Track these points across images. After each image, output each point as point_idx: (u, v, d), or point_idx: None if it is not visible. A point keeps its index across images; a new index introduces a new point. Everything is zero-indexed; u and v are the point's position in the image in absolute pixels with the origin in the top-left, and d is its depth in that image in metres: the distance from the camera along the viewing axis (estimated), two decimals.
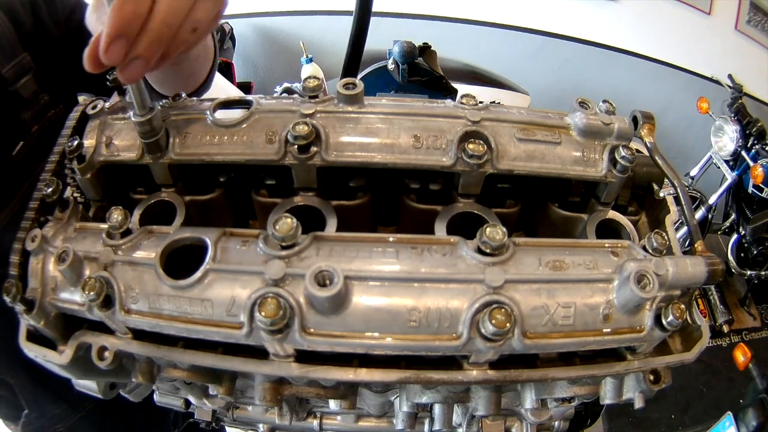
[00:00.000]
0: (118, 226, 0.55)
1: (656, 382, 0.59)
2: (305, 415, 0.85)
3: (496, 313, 0.47)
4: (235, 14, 3.91)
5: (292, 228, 0.50)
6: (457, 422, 0.76)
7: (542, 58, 4.36)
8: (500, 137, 0.58)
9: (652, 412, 3.38)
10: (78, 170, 0.61)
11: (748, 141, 3.65)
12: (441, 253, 0.52)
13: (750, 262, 3.69)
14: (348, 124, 0.58)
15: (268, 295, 0.47)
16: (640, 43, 4.39)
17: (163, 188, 0.64)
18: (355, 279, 0.49)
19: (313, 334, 0.48)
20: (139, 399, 0.73)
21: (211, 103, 0.62)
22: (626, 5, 4.39)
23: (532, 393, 0.66)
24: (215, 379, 0.65)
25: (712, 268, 0.53)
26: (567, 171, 0.59)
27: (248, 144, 0.58)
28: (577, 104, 0.61)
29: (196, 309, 0.50)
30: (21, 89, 0.91)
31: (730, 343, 3.79)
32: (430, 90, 2.99)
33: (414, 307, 0.48)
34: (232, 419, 0.88)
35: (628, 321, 0.52)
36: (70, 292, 0.55)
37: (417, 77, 3.01)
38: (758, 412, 2.35)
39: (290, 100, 0.62)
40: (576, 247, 0.55)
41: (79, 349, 0.57)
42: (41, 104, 0.94)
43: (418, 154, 0.57)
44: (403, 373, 0.52)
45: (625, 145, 0.60)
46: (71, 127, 0.63)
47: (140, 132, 0.58)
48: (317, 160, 0.57)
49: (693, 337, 0.59)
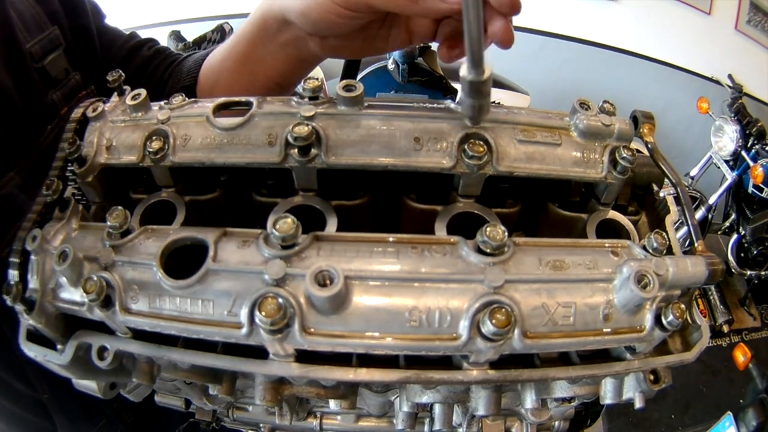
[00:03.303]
0: (118, 226, 0.55)
1: (656, 382, 0.59)
2: (305, 415, 0.85)
3: (496, 313, 0.47)
4: (235, 14, 3.91)
5: (293, 228, 0.50)
6: (457, 422, 0.76)
7: (542, 58, 4.36)
8: (500, 139, 0.58)
9: (652, 412, 3.38)
10: (79, 174, 0.61)
11: (748, 141, 3.66)
12: (441, 253, 0.52)
13: (750, 262, 3.69)
14: (348, 127, 0.58)
15: (269, 295, 0.47)
16: (640, 43, 4.39)
17: (163, 188, 0.64)
18: (355, 279, 0.49)
19: (314, 334, 0.48)
20: (139, 399, 0.73)
21: (211, 104, 0.62)
22: (626, 5, 4.40)
23: (532, 393, 0.66)
24: (215, 379, 0.65)
25: (713, 268, 0.53)
26: (567, 172, 0.59)
27: (249, 146, 0.58)
28: (578, 105, 0.61)
29: (196, 309, 0.50)
30: (49, 66, 0.84)
31: (730, 343, 3.79)
32: (430, 90, 3.00)
33: (414, 307, 0.48)
34: (232, 419, 0.88)
35: (628, 321, 0.52)
36: (70, 292, 0.55)
37: (417, 77, 3.01)
38: (758, 412, 2.35)
39: (290, 101, 0.62)
40: (576, 247, 0.55)
41: (79, 349, 0.57)
42: (72, 84, 0.88)
43: (418, 156, 0.57)
44: (403, 373, 0.52)
45: (625, 145, 0.60)
46: (72, 129, 0.63)
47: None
48: (318, 162, 0.57)
49: (693, 337, 0.59)
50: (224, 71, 0.94)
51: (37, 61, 0.83)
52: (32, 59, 0.82)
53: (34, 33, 0.83)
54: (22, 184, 0.79)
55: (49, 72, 0.84)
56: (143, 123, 0.62)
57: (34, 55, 0.82)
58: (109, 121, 0.63)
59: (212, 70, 0.97)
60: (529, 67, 4.14)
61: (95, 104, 0.65)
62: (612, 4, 4.36)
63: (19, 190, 0.79)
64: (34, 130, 0.82)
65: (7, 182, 0.78)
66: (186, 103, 0.64)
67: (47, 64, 0.84)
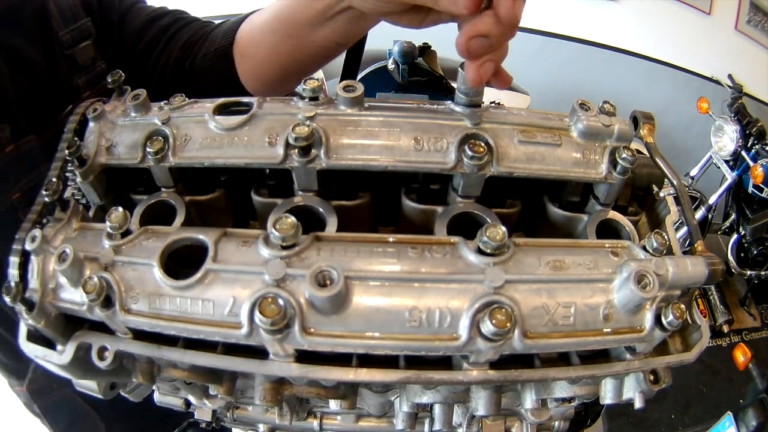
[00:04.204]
0: (119, 227, 0.55)
1: (656, 382, 0.59)
2: (305, 415, 0.85)
3: (496, 313, 0.47)
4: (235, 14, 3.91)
5: (293, 228, 0.50)
6: (457, 422, 0.76)
7: (542, 58, 4.36)
8: (500, 139, 0.58)
9: (652, 412, 3.38)
10: (79, 174, 0.61)
11: (748, 141, 3.66)
12: (441, 253, 0.52)
13: (750, 262, 3.69)
14: (349, 127, 0.58)
15: (269, 295, 0.47)
16: (640, 43, 4.39)
17: (164, 188, 0.64)
18: (355, 279, 0.49)
19: (314, 334, 0.48)
20: (139, 399, 0.73)
21: (211, 104, 0.62)
22: (626, 5, 4.40)
23: (532, 393, 0.66)
24: (215, 379, 0.65)
25: (713, 268, 0.53)
26: (567, 173, 0.59)
27: (249, 147, 0.58)
28: (578, 106, 0.61)
29: (196, 309, 0.50)
30: (78, 54, 0.93)
31: (730, 343, 3.79)
32: (430, 90, 2.99)
33: (414, 307, 0.48)
34: (232, 419, 0.88)
35: (628, 321, 0.52)
36: (70, 292, 0.55)
37: (417, 77, 3.01)
38: (758, 412, 2.35)
39: (291, 101, 0.62)
40: (576, 247, 0.55)
41: (79, 349, 0.57)
42: (97, 71, 0.95)
43: (418, 156, 0.57)
44: (404, 374, 0.52)
45: (625, 146, 0.60)
46: (72, 130, 0.63)
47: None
48: (318, 163, 0.57)
49: (693, 337, 0.59)
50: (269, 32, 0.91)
51: (67, 49, 0.92)
52: (62, 47, 0.91)
53: (69, 22, 0.92)
54: (41, 146, 0.89)
55: (77, 59, 0.93)
56: (143, 123, 0.62)
57: (65, 44, 0.92)
58: (109, 122, 0.63)
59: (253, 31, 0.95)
60: (529, 67, 4.14)
61: (95, 104, 0.65)
62: (612, 4, 4.36)
63: (38, 151, 0.88)
64: (58, 106, 0.91)
65: (28, 142, 0.88)
66: (186, 103, 0.64)
67: (76, 52, 0.93)
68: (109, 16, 0.98)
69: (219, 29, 1.00)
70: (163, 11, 1.05)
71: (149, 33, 1.01)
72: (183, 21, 1.04)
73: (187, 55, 0.99)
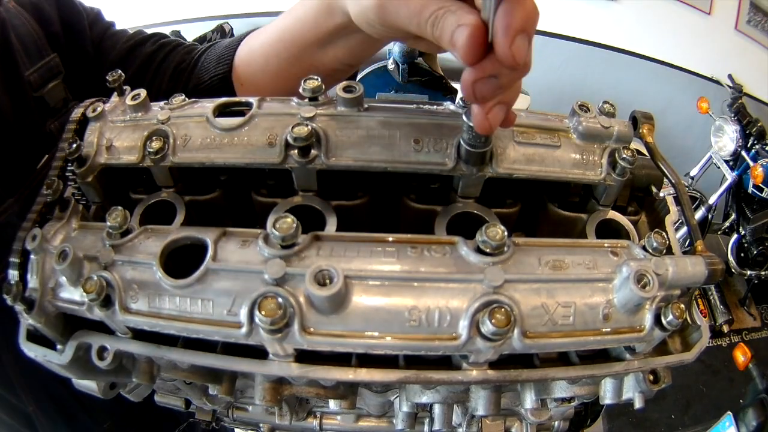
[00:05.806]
0: (118, 226, 0.55)
1: (656, 382, 0.59)
2: (305, 415, 0.85)
3: (496, 313, 0.47)
4: (235, 14, 3.92)
5: (292, 227, 0.50)
6: (457, 422, 0.76)
7: (542, 58, 4.36)
8: (500, 140, 0.58)
9: (652, 412, 3.38)
10: (79, 174, 0.61)
11: (748, 141, 3.66)
12: (441, 253, 0.52)
13: (750, 262, 3.69)
14: (348, 128, 0.58)
15: (268, 294, 0.47)
16: (640, 43, 4.39)
17: (163, 188, 0.64)
18: (355, 278, 0.49)
19: (313, 333, 0.48)
20: (139, 399, 0.73)
21: (211, 104, 0.62)
22: (626, 5, 4.40)
23: (531, 393, 0.66)
24: (215, 379, 0.65)
25: (712, 268, 0.53)
26: (566, 174, 0.60)
27: (249, 147, 0.58)
28: (577, 107, 0.61)
29: (196, 308, 0.50)
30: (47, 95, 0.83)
31: (730, 343, 3.80)
32: (430, 90, 3.00)
33: (414, 307, 0.48)
34: (232, 419, 0.88)
35: (628, 320, 0.52)
36: (70, 292, 0.55)
37: (417, 77, 3.01)
38: (758, 412, 2.36)
39: (290, 102, 0.62)
40: (576, 247, 0.55)
41: (79, 349, 0.57)
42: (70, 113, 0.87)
43: (418, 157, 0.57)
44: (403, 373, 0.52)
45: (625, 147, 0.60)
46: (72, 130, 0.63)
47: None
48: (318, 163, 0.57)
49: (693, 337, 0.59)
50: (272, 56, 0.85)
51: (36, 90, 0.81)
52: (31, 87, 0.81)
53: (35, 60, 0.82)
54: (20, 211, 0.78)
55: (48, 101, 0.83)
56: (143, 123, 0.62)
57: (33, 84, 0.81)
58: (109, 121, 0.63)
59: (254, 55, 0.88)
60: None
61: (95, 104, 0.65)
62: (612, 4, 4.36)
63: (17, 217, 0.77)
64: (31, 157, 0.81)
65: (6, 209, 0.78)
66: (186, 103, 0.64)
67: (46, 93, 0.82)
68: (81, 44, 0.89)
69: (209, 54, 0.94)
70: (143, 37, 0.96)
71: (134, 62, 0.92)
72: (168, 47, 0.96)
73: (177, 86, 0.92)
